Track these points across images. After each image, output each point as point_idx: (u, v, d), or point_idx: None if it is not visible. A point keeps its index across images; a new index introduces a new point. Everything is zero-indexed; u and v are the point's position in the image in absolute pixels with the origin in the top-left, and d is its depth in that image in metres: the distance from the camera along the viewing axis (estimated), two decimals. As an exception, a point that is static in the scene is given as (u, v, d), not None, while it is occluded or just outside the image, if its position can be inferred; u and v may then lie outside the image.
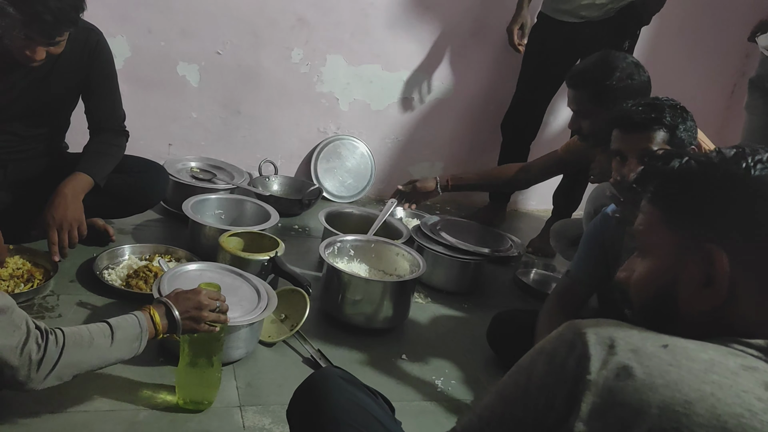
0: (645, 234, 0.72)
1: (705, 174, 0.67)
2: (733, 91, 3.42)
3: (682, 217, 0.68)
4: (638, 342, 0.60)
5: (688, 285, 0.67)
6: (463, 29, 2.89)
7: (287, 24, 2.67)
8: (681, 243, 0.68)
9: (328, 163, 2.90)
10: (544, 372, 0.62)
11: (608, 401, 0.57)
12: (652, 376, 0.57)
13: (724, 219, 0.65)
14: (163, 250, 1.99)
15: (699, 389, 0.56)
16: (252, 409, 1.42)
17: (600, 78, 1.80)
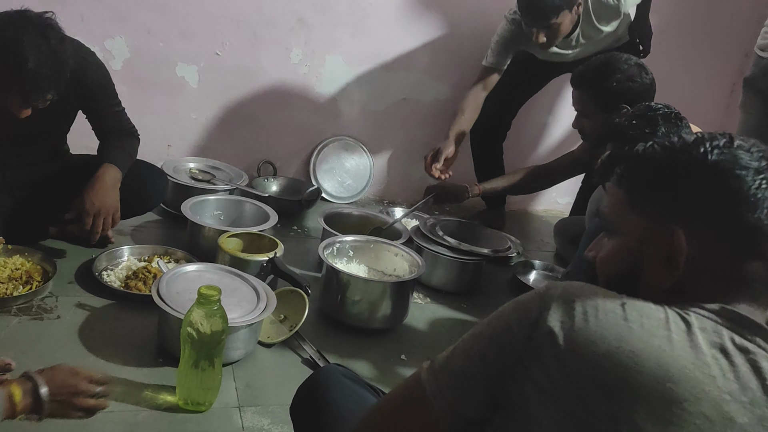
0: (611, 215, 0.77)
1: (666, 158, 0.71)
2: (732, 91, 3.42)
3: (644, 198, 0.72)
4: (599, 298, 0.65)
5: (650, 263, 0.71)
6: (462, 29, 2.89)
7: (286, 25, 2.67)
8: (644, 223, 0.72)
9: (327, 163, 2.90)
10: (510, 314, 0.68)
11: (560, 347, 0.62)
12: (604, 328, 0.61)
13: (683, 201, 0.69)
14: (162, 252, 1.99)
15: (648, 342, 0.60)
16: (251, 410, 1.42)
17: (601, 79, 1.81)
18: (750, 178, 0.67)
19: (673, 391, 0.58)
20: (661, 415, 0.57)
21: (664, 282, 0.70)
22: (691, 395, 0.58)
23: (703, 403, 0.58)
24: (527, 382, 0.63)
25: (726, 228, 0.67)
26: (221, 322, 1.34)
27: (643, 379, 0.58)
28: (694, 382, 0.59)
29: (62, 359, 1.44)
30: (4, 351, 1.44)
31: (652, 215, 0.71)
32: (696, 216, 0.68)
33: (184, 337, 1.33)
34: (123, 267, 1.88)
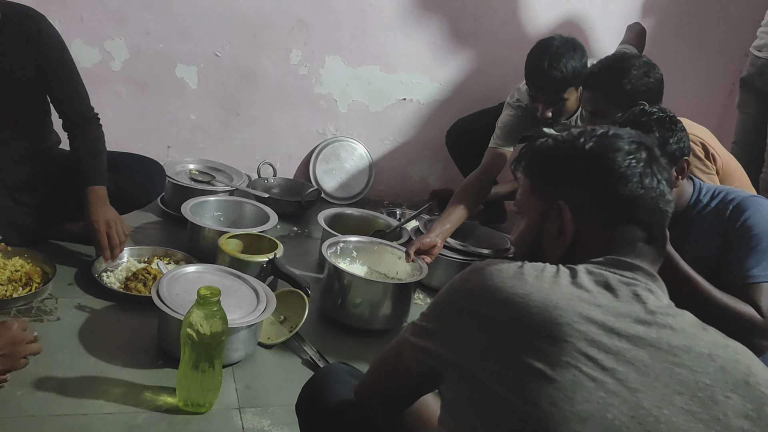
0: (521, 200, 0.91)
1: (555, 149, 0.87)
2: (731, 91, 3.42)
3: (541, 183, 0.87)
4: (504, 264, 0.77)
5: (548, 235, 0.85)
6: (461, 30, 2.89)
7: (286, 25, 2.67)
8: (543, 204, 0.86)
9: (327, 164, 2.90)
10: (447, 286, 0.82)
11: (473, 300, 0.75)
12: (503, 281, 0.74)
13: (568, 181, 0.84)
14: (162, 253, 1.99)
15: (538, 287, 0.72)
16: (251, 411, 1.42)
17: (615, 78, 1.78)
18: (621, 158, 0.81)
19: (561, 316, 0.69)
20: (555, 335, 0.68)
21: (558, 249, 0.84)
22: (578, 317, 0.69)
23: (590, 324, 0.68)
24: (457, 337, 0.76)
25: (603, 200, 0.81)
26: (221, 324, 1.34)
27: (533, 311, 0.70)
28: (579, 308, 0.69)
29: (62, 361, 1.45)
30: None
31: (546, 196, 0.86)
32: (578, 192, 0.83)
33: (184, 338, 1.33)
34: (122, 269, 1.88)
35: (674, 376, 0.67)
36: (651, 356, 0.68)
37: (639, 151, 0.82)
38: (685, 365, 0.68)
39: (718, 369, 0.68)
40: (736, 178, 1.85)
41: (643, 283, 0.76)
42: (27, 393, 1.34)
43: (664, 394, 0.66)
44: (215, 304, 1.33)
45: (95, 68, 2.48)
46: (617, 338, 0.68)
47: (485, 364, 0.70)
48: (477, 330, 0.73)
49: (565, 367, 0.66)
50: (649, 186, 0.81)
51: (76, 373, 1.43)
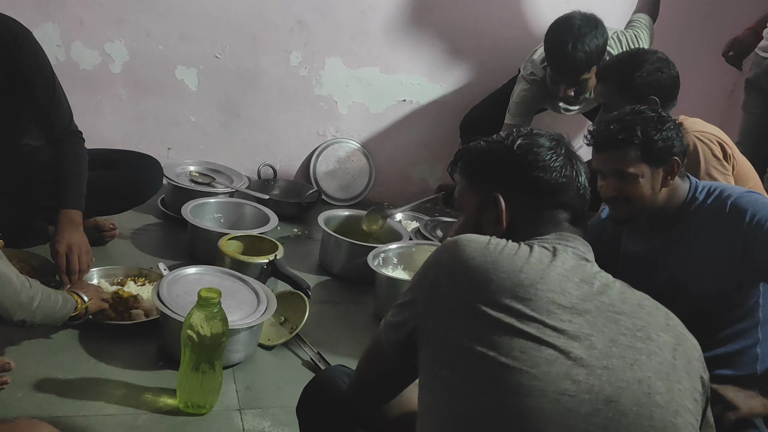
0: (459, 198, 1.01)
1: (488, 149, 0.98)
2: (732, 91, 3.41)
3: (478, 179, 0.98)
4: (475, 236, 0.87)
5: (486, 225, 0.95)
6: (460, 31, 2.89)
7: (286, 27, 2.67)
8: (480, 198, 0.97)
9: (328, 166, 2.90)
10: (422, 267, 0.89)
11: (446, 272, 0.83)
12: (474, 251, 0.83)
13: (500, 175, 0.95)
14: (136, 273, 1.83)
15: (505, 255, 0.83)
16: (251, 413, 1.42)
17: (628, 70, 1.77)
18: (543, 153, 0.94)
19: (525, 278, 0.80)
20: (521, 295, 0.79)
21: (497, 235, 0.90)
22: (538, 278, 0.80)
23: (548, 282, 0.80)
24: (432, 306, 0.83)
25: (531, 189, 0.93)
26: (221, 325, 1.33)
27: (502, 275, 0.80)
28: (538, 271, 0.81)
29: (62, 362, 1.45)
30: (4, 355, 1.44)
31: (482, 191, 0.96)
32: (510, 184, 0.94)
33: (185, 339, 1.33)
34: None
35: (616, 321, 0.81)
36: (597, 308, 0.81)
37: (558, 146, 0.95)
38: (624, 312, 0.82)
39: (647, 314, 0.83)
40: (751, 179, 1.83)
41: (583, 252, 0.89)
42: (27, 395, 1.34)
43: (612, 336, 0.79)
44: (215, 305, 1.33)
45: (95, 70, 2.48)
46: (570, 295, 0.80)
47: (459, 323, 0.79)
48: (450, 294, 0.82)
49: (531, 320, 0.77)
50: (569, 175, 0.94)
51: (77, 375, 1.43)
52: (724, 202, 1.37)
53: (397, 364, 0.90)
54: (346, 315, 1.95)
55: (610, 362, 0.76)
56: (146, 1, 2.48)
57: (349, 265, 2.14)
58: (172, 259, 2.05)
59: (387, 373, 0.93)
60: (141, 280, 1.81)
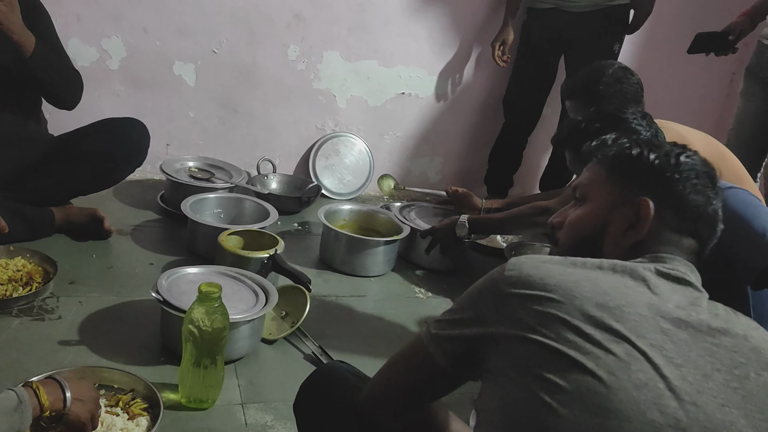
0: (587, 186, 0.95)
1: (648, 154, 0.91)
2: (732, 80, 3.41)
3: (623, 179, 0.91)
4: (547, 257, 0.81)
5: (616, 227, 0.88)
6: (460, 24, 2.88)
7: (283, 21, 2.66)
8: (618, 196, 0.90)
9: (327, 160, 2.89)
10: (482, 281, 0.83)
11: (521, 287, 0.77)
12: (552, 270, 0.77)
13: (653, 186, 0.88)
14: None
15: (587, 276, 0.77)
16: (254, 407, 1.42)
17: (589, 85, 1.87)
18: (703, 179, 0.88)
19: (611, 300, 0.74)
20: (609, 314, 0.73)
21: (626, 242, 0.87)
22: (625, 301, 0.74)
23: (636, 306, 0.74)
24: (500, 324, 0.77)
25: (680, 208, 0.87)
26: (222, 319, 1.33)
27: (585, 294, 0.74)
28: (625, 294, 0.75)
29: (64, 359, 1.45)
30: (6, 352, 1.44)
31: (626, 190, 0.89)
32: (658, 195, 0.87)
33: (186, 334, 1.33)
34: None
35: (713, 354, 0.73)
36: (692, 337, 0.74)
37: (712, 177, 0.90)
38: (722, 345, 0.74)
39: (752, 349, 0.75)
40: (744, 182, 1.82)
41: (684, 273, 0.82)
42: (29, 392, 1.34)
43: (705, 371, 0.72)
44: (216, 300, 1.33)
45: (92, 67, 2.47)
46: (662, 320, 0.74)
47: (540, 334, 0.73)
48: (526, 309, 0.75)
49: (619, 342, 0.71)
50: (714, 209, 0.89)
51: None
52: None
53: (447, 375, 0.84)
54: (347, 308, 1.95)
55: (701, 399, 0.70)
56: (143, -3, 2.47)
57: (349, 258, 2.14)
58: (172, 255, 2.05)
59: (429, 383, 0.88)
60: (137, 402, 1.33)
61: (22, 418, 0.99)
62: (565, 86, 1.98)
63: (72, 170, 1.96)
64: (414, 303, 2.02)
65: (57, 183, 1.96)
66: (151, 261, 1.99)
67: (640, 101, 1.87)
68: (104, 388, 1.35)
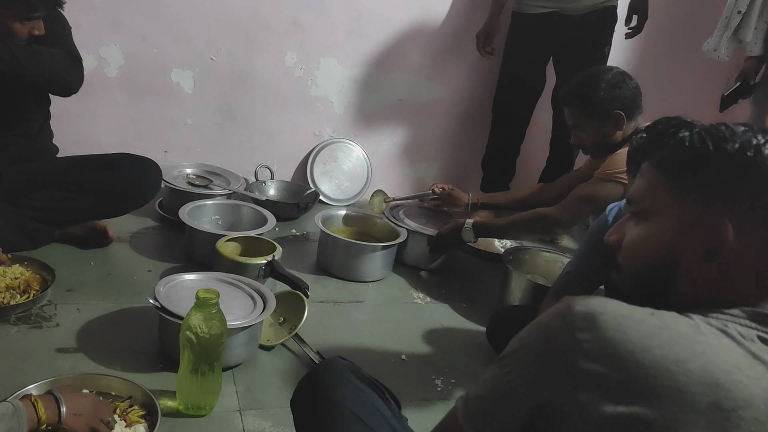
0: (646, 199, 0.73)
1: (718, 149, 0.67)
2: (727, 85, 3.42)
3: (690, 187, 0.68)
4: (627, 310, 0.61)
5: (690, 254, 0.67)
6: (456, 30, 2.90)
7: (281, 28, 2.67)
8: (687, 212, 0.68)
9: (325, 166, 2.90)
10: (535, 342, 0.63)
11: (603, 364, 0.58)
12: (643, 338, 0.58)
13: (733, 195, 0.66)
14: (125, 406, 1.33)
15: (690, 349, 0.58)
16: (252, 413, 1.42)
17: (587, 91, 1.86)
18: None
19: (726, 399, 0.56)
20: (718, 423, 0.55)
21: (702, 277, 0.67)
22: (742, 400, 0.56)
23: (754, 408, 0.56)
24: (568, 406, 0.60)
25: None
26: (220, 326, 1.33)
27: (693, 386, 0.56)
28: (741, 386, 0.57)
29: (62, 367, 1.44)
30: (4, 360, 1.44)
31: (697, 204, 0.67)
32: (740, 207, 0.65)
33: (184, 341, 1.33)
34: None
35: None
36: None
37: None
38: None
39: None
40: None
41: None
42: (27, 399, 1.34)
43: None
44: (214, 306, 1.33)
45: (91, 74, 2.47)
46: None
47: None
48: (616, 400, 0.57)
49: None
50: None
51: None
52: None
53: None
54: (345, 314, 1.95)
55: None
56: (141, 5, 2.48)
57: (347, 264, 2.14)
58: (170, 261, 2.05)
59: None
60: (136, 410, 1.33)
61: (20, 424, 1.04)
62: (563, 93, 1.97)
63: (82, 198, 1.96)
64: (412, 308, 2.02)
65: (63, 207, 1.96)
66: (149, 268, 1.99)
67: (638, 106, 1.87)
68: (102, 395, 1.35)
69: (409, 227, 2.30)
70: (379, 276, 2.19)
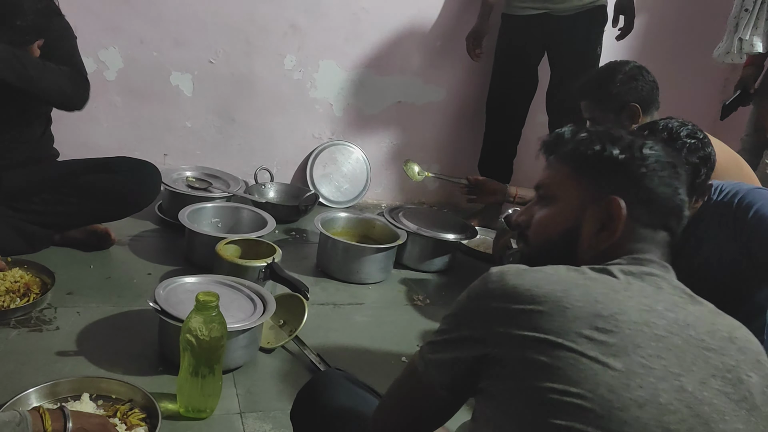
0: (551, 186, 0.90)
1: (604, 149, 0.86)
2: (724, 85, 3.43)
3: (588, 175, 0.86)
4: (527, 267, 0.77)
5: (588, 228, 0.85)
6: (454, 32, 2.90)
7: (280, 31, 2.68)
8: (585, 195, 0.86)
9: (324, 168, 2.90)
10: (465, 296, 0.80)
11: (506, 302, 0.73)
12: (537, 280, 0.74)
13: (620, 181, 0.84)
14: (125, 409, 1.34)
15: (574, 282, 0.74)
16: (252, 416, 1.42)
17: (602, 84, 1.84)
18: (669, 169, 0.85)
19: (604, 308, 0.71)
20: (602, 326, 0.69)
21: (599, 245, 0.83)
22: (617, 309, 0.71)
23: (629, 313, 0.71)
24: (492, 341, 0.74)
25: (647, 202, 0.83)
26: (220, 328, 1.34)
27: (576, 303, 0.71)
28: (616, 300, 0.72)
29: (62, 370, 1.44)
30: (4, 364, 1.44)
31: (593, 188, 0.85)
32: (626, 190, 0.83)
33: (184, 344, 1.33)
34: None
35: (706, 359, 0.71)
36: (685, 342, 0.72)
37: (678, 166, 0.87)
38: (713, 349, 0.72)
39: (738, 350, 0.74)
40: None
41: (661, 275, 0.79)
42: (27, 403, 1.34)
43: (701, 377, 0.70)
44: (214, 309, 1.33)
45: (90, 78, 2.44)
46: (654, 326, 0.71)
47: (532, 355, 0.70)
48: (520, 326, 0.71)
49: (617, 355, 0.68)
50: (682, 199, 0.86)
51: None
52: (732, 199, 1.36)
53: (449, 401, 0.81)
54: (345, 316, 1.95)
55: (702, 410, 0.68)
56: (140, 8, 2.48)
57: (346, 266, 2.14)
58: (170, 264, 2.05)
59: (432, 412, 0.84)
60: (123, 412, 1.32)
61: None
62: (579, 86, 1.94)
63: (81, 203, 1.95)
64: (412, 310, 2.02)
65: (63, 211, 1.95)
66: (148, 271, 1.99)
67: (655, 101, 1.84)
68: (102, 399, 1.35)
69: (409, 229, 2.31)
70: (379, 278, 2.20)
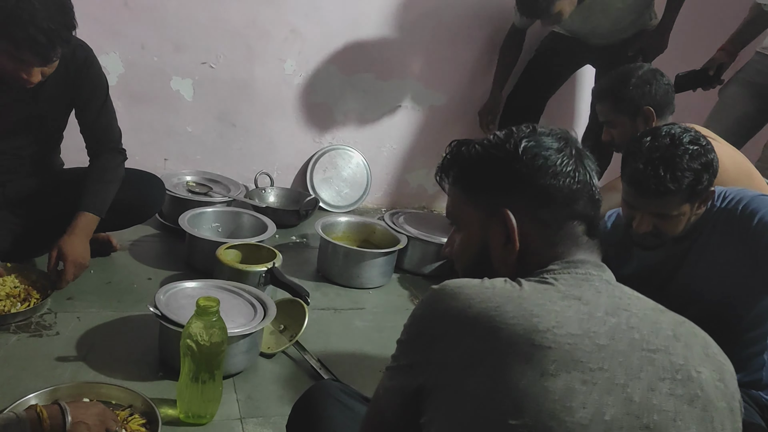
0: (455, 212, 0.89)
1: (486, 155, 0.84)
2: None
3: (477, 192, 0.85)
4: (464, 281, 0.76)
5: (495, 245, 0.83)
6: (454, 36, 2.90)
7: (280, 35, 2.68)
8: (482, 213, 0.84)
9: (324, 173, 2.90)
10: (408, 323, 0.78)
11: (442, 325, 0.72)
12: (470, 298, 0.72)
13: (505, 186, 0.82)
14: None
15: (508, 296, 0.71)
16: (253, 421, 1.41)
17: (618, 87, 1.85)
18: (552, 155, 0.81)
19: (539, 323, 0.68)
20: (539, 343, 0.67)
21: (510, 257, 0.81)
22: (555, 322, 0.68)
23: (567, 325, 0.68)
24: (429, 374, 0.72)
25: (543, 200, 0.80)
26: (220, 334, 1.33)
27: (510, 321, 0.68)
28: (553, 313, 0.69)
29: (62, 375, 1.44)
30: (4, 369, 1.44)
31: (486, 204, 0.83)
32: (518, 196, 0.81)
33: (184, 349, 1.33)
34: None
35: (653, 362, 0.69)
36: (629, 347, 0.69)
37: (567, 147, 0.82)
38: (659, 350, 0.70)
39: (684, 346, 0.72)
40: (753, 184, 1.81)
41: (598, 276, 0.77)
42: (27, 408, 1.34)
43: (649, 383, 0.68)
44: (214, 314, 1.33)
45: (90, 83, 2.48)
46: (595, 336, 0.69)
47: (472, 382, 0.68)
48: (455, 349, 0.70)
49: (555, 374, 0.65)
50: (582, 180, 0.81)
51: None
52: (736, 206, 1.36)
53: (404, 429, 0.78)
54: (346, 321, 1.95)
55: (652, 420, 0.66)
56: (140, 13, 2.48)
57: (347, 271, 2.14)
58: (170, 269, 2.05)
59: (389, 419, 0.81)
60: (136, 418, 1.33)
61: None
62: (595, 89, 1.98)
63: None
64: (412, 315, 2.02)
65: (65, 220, 1.94)
66: (149, 276, 1.99)
67: (669, 104, 1.85)
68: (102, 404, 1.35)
69: (409, 233, 2.31)
70: (380, 283, 2.19)
